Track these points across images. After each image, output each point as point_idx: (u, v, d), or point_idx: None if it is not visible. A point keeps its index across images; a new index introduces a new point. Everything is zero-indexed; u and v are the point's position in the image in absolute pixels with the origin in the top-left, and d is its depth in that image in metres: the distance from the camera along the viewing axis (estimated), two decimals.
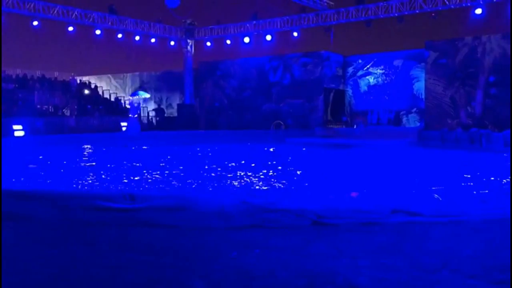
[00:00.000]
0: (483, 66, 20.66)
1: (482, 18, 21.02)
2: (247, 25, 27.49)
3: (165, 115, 29.83)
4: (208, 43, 29.13)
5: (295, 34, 25.93)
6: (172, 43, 28.97)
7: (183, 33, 29.24)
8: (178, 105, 30.05)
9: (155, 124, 28.79)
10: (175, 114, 29.70)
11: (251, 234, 4.75)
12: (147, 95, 29.20)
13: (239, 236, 4.72)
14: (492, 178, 8.76)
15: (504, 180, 8.26)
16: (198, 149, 17.00)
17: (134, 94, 30.38)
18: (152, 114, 29.85)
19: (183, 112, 28.89)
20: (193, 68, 30.00)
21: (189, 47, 29.61)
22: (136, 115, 27.01)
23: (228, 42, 28.34)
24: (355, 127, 24.81)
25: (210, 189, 7.34)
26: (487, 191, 5.80)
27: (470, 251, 4.20)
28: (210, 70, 29.24)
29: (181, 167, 10.98)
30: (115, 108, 28.14)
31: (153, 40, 28.07)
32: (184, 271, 3.69)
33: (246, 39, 27.36)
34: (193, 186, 7.84)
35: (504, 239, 4.59)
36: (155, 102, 32.05)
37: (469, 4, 20.97)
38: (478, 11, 20.65)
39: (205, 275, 3.59)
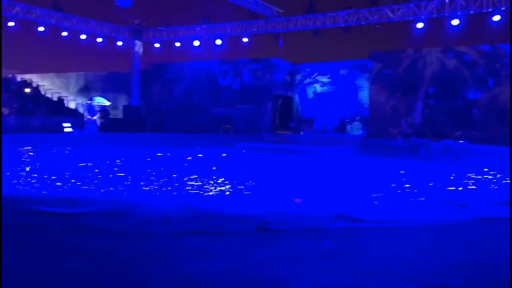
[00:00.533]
0: (423, 77, 21.62)
1: (423, 32, 22.02)
2: (197, 28, 27.35)
3: (110, 116, 29.04)
4: (157, 45, 28.71)
5: (245, 39, 26.07)
6: (120, 43, 28.31)
7: (131, 34, 28.65)
8: (124, 106, 29.34)
9: (99, 125, 27.95)
10: (121, 116, 28.99)
11: (194, 240, 4.70)
12: (107, 103, 28.19)
13: (182, 242, 4.66)
14: (430, 185, 9.17)
15: (432, 189, 8.65)
16: (143, 152, 16.67)
17: (91, 99, 29.27)
18: (96, 115, 28.96)
19: (129, 114, 28.25)
20: (141, 70, 29.45)
21: (137, 48, 29.04)
22: (94, 117, 26.29)
23: (178, 44, 28.05)
24: (302, 133, 25.22)
25: (154, 194, 7.22)
26: (423, 198, 6.04)
27: (407, 256, 4.36)
28: (159, 72, 28.81)
29: (125, 171, 10.72)
30: (58, 108, 27.10)
31: (99, 39, 27.31)
32: (124, 278, 3.60)
33: (196, 43, 27.21)
34: (136, 190, 7.68)
35: (438, 244, 4.80)
36: None
37: (411, 18, 21.89)
38: (420, 25, 21.61)
39: (146, 282, 3.52)
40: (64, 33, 25.60)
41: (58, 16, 24.87)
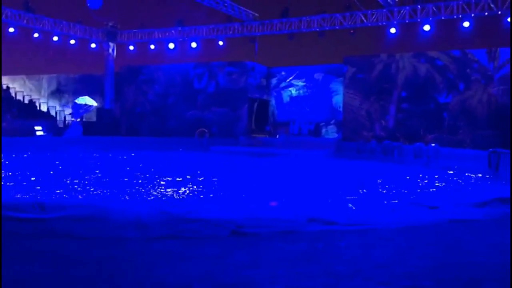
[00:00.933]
0: (396, 82, 21.98)
1: (396, 37, 22.41)
2: (172, 31, 27.18)
3: (83, 119, 28.56)
4: (131, 47, 28.42)
5: (221, 43, 26.05)
6: (93, 45, 27.90)
7: (105, 36, 28.27)
8: (97, 109, 28.91)
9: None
10: (94, 119, 28.55)
11: (168, 244, 4.65)
12: (94, 103, 27.61)
13: (155, 246, 4.60)
14: (403, 187, 9.31)
15: (404, 191, 8.79)
16: (116, 156, 16.43)
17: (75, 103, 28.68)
18: (69, 118, 28.44)
19: (103, 117, 27.85)
20: (115, 72, 29.06)
21: (110, 50, 28.66)
22: (78, 119, 25.79)
23: (152, 47, 27.82)
24: (277, 137, 25.31)
25: (127, 198, 7.12)
26: (396, 201, 6.12)
27: (381, 259, 4.40)
28: (133, 74, 28.49)
29: (97, 175, 10.54)
30: (30, 111, 26.49)
31: (72, 41, 26.85)
32: (95, 284, 3.52)
33: (171, 45, 27.04)
34: (109, 195, 7.55)
35: (410, 246, 4.87)
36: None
37: (384, 23, 22.26)
38: (393, 30, 21.99)
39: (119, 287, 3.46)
40: (36, 35, 25.07)
41: (28, 17, 24.35)
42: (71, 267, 3.89)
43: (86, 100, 26.66)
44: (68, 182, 9.30)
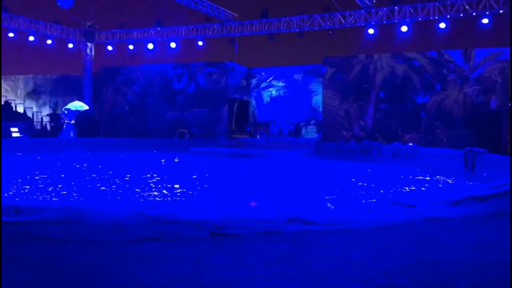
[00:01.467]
0: (374, 82, 22.24)
1: (374, 38, 22.70)
2: (151, 31, 27.01)
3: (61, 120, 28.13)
4: (110, 47, 28.13)
5: (200, 43, 25.99)
6: (71, 45, 27.53)
7: (83, 36, 27.92)
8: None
9: (49, 130, 27.02)
10: (73, 121, 28.11)
11: (147, 246, 4.62)
12: (85, 107, 27.04)
13: (134, 249, 4.57)
14: (381, 186, 9.44)
15: (382, 191, 8.92)
16: (95, 157, 16.25)
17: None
18: (46, 119, 27.99)
19: (81, 118, 27.46)
20: (93, 73, 28.72)
21: (88, 51, 28.32)
22: (72, 121, 25.43)
23: (131, 47, 27.60)
24: (258, 137, 25.37)
25: (105, 200, 7.05)
26: (374, 200, 6.20)
27: (358, 258, 4.46)
28: (111, 75, 28.20)
29: (75, 177, 10.41)
30: (5, 112, 25.96)
31: (49, 41, 26.44)
32: None
33: (150, 46, 26.86)
34: (87, 197, 7.48)
35: (388, 245, 4.94)
36: (50, 107, 30.12)
37: (362, 24, 22.52)
38: (371, 31, 22.26)
39: None
40: (11, 34, 24.61)
41: (4, 16, 23.88)
42: (49, 272, 3.85)
43: (77, 105, 26.19)
44: (45, 184, 9.16)
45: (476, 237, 5.40)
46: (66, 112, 25.62)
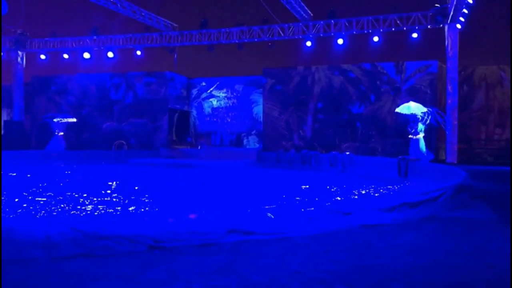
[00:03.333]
0: (312, 93, 22.80)
1: (311, 50, 23.30)
2: (87, 40, 26.21)
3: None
4: (43, 56, 26.97)
5: (139, 52, 25.53)
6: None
7: (13, 44, 26.62)
8: (4, 122, 27.03)
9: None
10: (2, 132, 26.65)
11: (79, 263, 4.43)
12: (73, 120, 25.29)
13: (66, 267, 4.37)
14: (319, 195, 9.63)
15: (320, 199, 9.12)
16: (25, 171, 15.45)
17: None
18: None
19: (11, 130, 26.08)
20: (25, 82, 27.40)
21: (19, 59, 27.02)
22: (61, 133, 23.92)
23: (66, 56, 26.62)
24: (199, 148, 25.19)
25: (35, 216, 6.71)
26: (312, 208, 6.32)
27: (296, 266, 4.51)
28: (44, 85, 27.02)
29: (4, 193, 9.83)
30: None
31: None
32: None
33: (86, 55, 26.04)
34: (14, 213, 7.08)
35: (325, 252, 5.04)
36: None
37: (300, 37, 23.07)
38: (308, 43, 22.85)
39: None
40: None
41: None
42: None
43: (62, 119, 24.70)
44: None
45: (408, 242, 5.63)
46: (52, 125, 24.42)
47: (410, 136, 17.29)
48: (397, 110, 17.52)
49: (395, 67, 21.67)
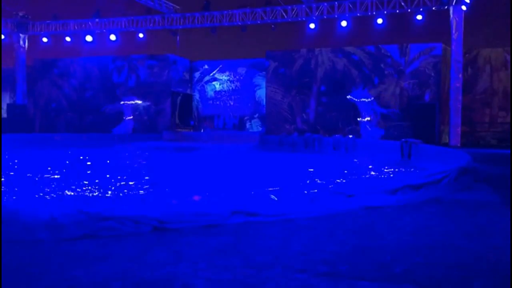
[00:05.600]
0: (316, 76, 22.69)
1: (315, 33, 23.11)
2: (89, 22, 26.06)
3: None
4: (45, 39, 26.86)
5: (141, 35, 25.38)
6: (2, 36, 26.04)
7: (15, 27, 26.49)
8: (8, 105, 27.08)
9: None
10: (5, 115, 26.71)
11: (84, 244, 4.47)
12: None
13: (71, 247, 4.41)
14: (322, 177, 9.66)
15: (324, 181, 9.15)
16: (29, 154, 15.52)
17: None
18: None
19: (14, 113, 26.13)
20: (27, 65, 27.36)
21: (21, 42, 26.92)
22: (131, 117, 24.23)
23: (68, 39, 26.50)
24: (202, 131, 25.21)
25: (40, 198, 6.75)
26: (316, 190, 6.33)
27: (300, 247, 4.54)
28: (47, 68, 26.98)
29: (7, 175, 9.89)
30: None
31: None
32: None
33: (89, 38, 25.91)
34: (19, 195, 7.13)
35: (328, 234, 5.07)
36: None
37: (304, 19, 22.86)
38: (312, 25, 22.65)
39: None
40: None
41: None
42: None
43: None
44: None
45: (410, 224, 5.65)
46: None
47: None
48: None
49: (399, 50, 21.51)
